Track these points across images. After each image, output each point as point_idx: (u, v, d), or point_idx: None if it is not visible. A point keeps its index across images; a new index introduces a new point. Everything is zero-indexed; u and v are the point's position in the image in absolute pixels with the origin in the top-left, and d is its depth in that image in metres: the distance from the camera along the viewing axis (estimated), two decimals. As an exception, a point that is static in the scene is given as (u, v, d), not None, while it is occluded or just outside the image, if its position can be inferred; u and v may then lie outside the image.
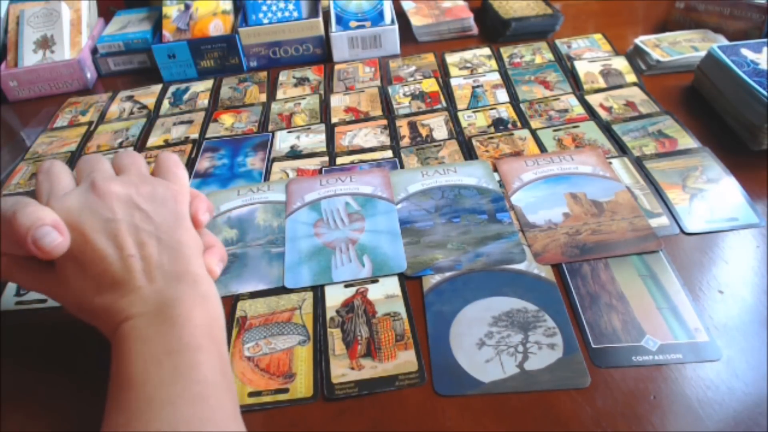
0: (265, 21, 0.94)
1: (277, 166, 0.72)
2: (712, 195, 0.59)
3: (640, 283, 0.51)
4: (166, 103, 0.90)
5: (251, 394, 0.46)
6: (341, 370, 0.47)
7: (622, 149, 0.67)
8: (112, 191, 0.42)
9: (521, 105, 0.78)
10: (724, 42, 0.83)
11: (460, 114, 0.78)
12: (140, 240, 0.41)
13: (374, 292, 0.53)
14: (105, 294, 0.40)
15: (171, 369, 0.36)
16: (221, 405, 0.37)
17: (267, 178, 0.70)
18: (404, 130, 0.76)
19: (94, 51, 1.00)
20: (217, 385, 0.37)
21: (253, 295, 0.55)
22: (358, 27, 0.93)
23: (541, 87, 0.82)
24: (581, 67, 0.84)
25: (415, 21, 0.98)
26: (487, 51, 0.92)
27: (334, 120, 0.80)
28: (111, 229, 0.40)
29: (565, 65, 0.86)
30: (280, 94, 0.89)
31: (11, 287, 0.59)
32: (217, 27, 0.96)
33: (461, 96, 0.82)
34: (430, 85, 0.85)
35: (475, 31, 0.99)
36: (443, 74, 0.88)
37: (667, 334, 0.47)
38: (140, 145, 0.80)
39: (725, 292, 0.50)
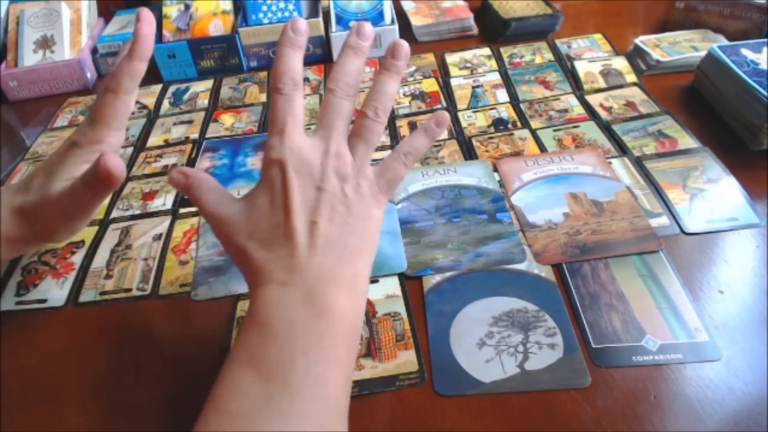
0: (265, 21, 0.94)
1: (277, 166, 0.72)
2: (712, 195, 0.59)
3: (640, 283, 0.51)
4: (166, 103, 0.90)
5: (251, 394, 0.46)
6: (341, 370, 0.47)
7: (622, 149, 0.68)
8: (335, 166, 0.41)
9: (521, 105, 0.78)
10: (724, 42, 0.83)
11: (460, 114, 0.78)
12: (331, 217, 0.39)
13: (374, 292, 0.53)
14: (266, 246, 0.38)
15: (301, 374, 0.33)
16: (332, 428, 0.34)
17: (267, 178, 0.70)
18: (404, 130, 0.76)
19: (94, 51, 1.00)
20: (337, 408, 0.34)
21: (254, 295, 0.55)
22: (358, 27, 0.93)
23: (541, 87, 0.82)
24: (581, 67, 0.84)
25: (415, 21, 0.98)
26: (487, 51, 0.92)
27: (334, 120, 0.80)
28: (313, 195, 0.39)
29: (565, 65, 0.86)
30: (280, 94, 0.88)
31: (11, 287, 0.59)
32: (217, 27, 0.96)
33: (461, 96, 0.82)
34: (430, 85, 0.85)
35: (475, 31, 0.99)
36: (443, 74, 0.88)
37: (668, 334, 0.47)
38: (140, 145, 0.80)
39: (725, 292, 0.50)
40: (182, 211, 0.67)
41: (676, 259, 0.53)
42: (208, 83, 0.93)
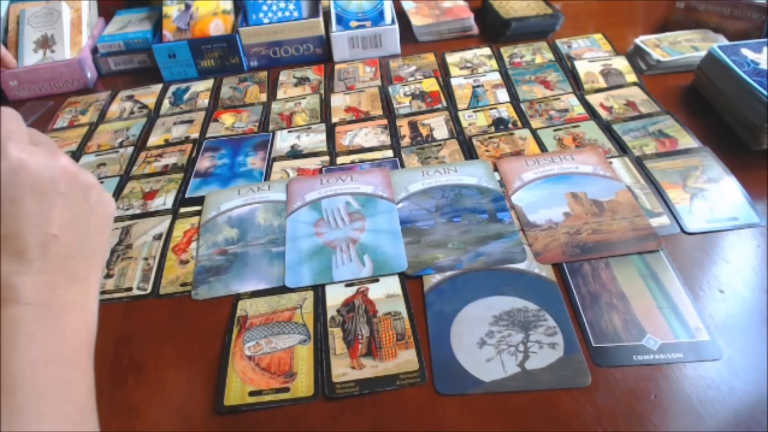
0: (266, 21, 0.94)
1: (277, 166, 0.72)
2: (713, 194, 0.59)
3: (640, 282, 0.51)
4: (166, 103, 0.90)
5: (252, 393, 0.46)
6: (342, 369, 0.47)
7: (623, 149, 0.68)
8: (68, 166, 0.37)
9: (522, 105, 0.78)
10: (725, 42, 0.83)
11: (460, 114, 0.78)
12: (68, 226, 0.37)
13: (375, 292, 0.53)
14: (4, 260, 0.35)
15: (46, 381, 0.35)
16: (84, 427, 0.36)
17: (267, 177, 0.70)
18: (405, 129, 0.76)
19: (94, 50, 1.00)
20: (84, 407, 0.36)
21: (254, 294, 0.55)
22: (358, 27, 0.93)
23: (541, 87, 0.82)
24: (581, 67, 0.84)
25: (416, 21, 0.99)
26: (487, 51, 0.92)
27: (334, 120, 0.80)
28: (52, 200, 0.36)
29: (566, 65, 0.86)
30: (280, 94, 0.89)
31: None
32: (218, 27, 0.96)
33: (461, 96, 0.82)
34: (431, 85, 0.85)
35: (475, 30, 0.99)
36: (443, 74, 0.88)
37: (668, 334, 0.47)
38: (140, 144, 0.80)
39: (726, 292, 0.50)
40: (182, 210, 0.67)
41: (676, 259, 0.53)
42: (209, 83, 0.93)
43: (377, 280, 0.54)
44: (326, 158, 0.72)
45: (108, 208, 0.41)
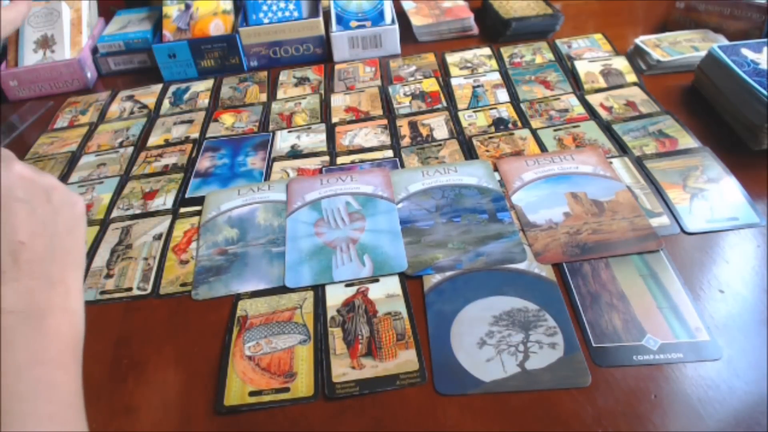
0: (266, 21, 0.94)
1: (277, 166, 0.72)
2: (713, 194, 0.59)
3: (640, 282, 0.51)
4: (166, 103, 0.90)
5: (252, 394, 0.46)
6: (342, 370, 0.47)
7: (623, 149, 0.68)
8: (23, 171, 0.38)
9: (522, 105, 0.78)
10: (725, 42, 0.83)
11: (460, 114, 0.78)
12: (35, 231, 0.37)
13: (375, 292, 0.53)
14: None
15: (30, 383, 0.35)
16: (72, 426, 0.36)
17: (267, 177, 0.70)
18: (405, 129, 0.76)
19: (94, 50, 1.00)
20: (71, 407, 0.36)
21: (254, 294, 0.55)
22: (358, 27, 0.93)
23: (541, 87, 0.82)
24: (581, 67, 0.84)
25: (416, 21, 0.98)
26: (487, 51, 0.92)
27: (334, 120, 0.80)
28: (12, 208, 0.36)
29: (566, 65, 0.86)
30: (280, 94, 0.89)
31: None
32: (218, 27, 0.96)
33: (462, 96, 0.82)
34: (431, 85, 0.85)
35: (475, 30, 0.99)
36: (443, 74, 0.88)
37: (668, 334, 0.47)
38: (141, 144, 0.80)
39: (726, 292, 0.50)
40: (182, 210, 0.67)
41: (676, 259, 0.53)
42: (209, 83, 0.93)
43: (377, 280, 0.54)
44: (326, 158, 0.72)
45: (75, 208, 0.41)
